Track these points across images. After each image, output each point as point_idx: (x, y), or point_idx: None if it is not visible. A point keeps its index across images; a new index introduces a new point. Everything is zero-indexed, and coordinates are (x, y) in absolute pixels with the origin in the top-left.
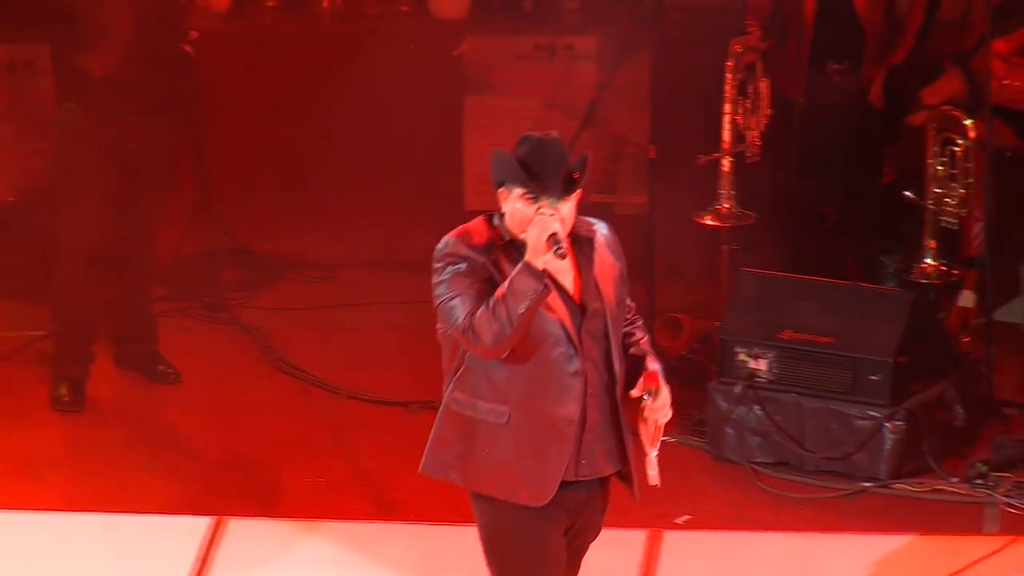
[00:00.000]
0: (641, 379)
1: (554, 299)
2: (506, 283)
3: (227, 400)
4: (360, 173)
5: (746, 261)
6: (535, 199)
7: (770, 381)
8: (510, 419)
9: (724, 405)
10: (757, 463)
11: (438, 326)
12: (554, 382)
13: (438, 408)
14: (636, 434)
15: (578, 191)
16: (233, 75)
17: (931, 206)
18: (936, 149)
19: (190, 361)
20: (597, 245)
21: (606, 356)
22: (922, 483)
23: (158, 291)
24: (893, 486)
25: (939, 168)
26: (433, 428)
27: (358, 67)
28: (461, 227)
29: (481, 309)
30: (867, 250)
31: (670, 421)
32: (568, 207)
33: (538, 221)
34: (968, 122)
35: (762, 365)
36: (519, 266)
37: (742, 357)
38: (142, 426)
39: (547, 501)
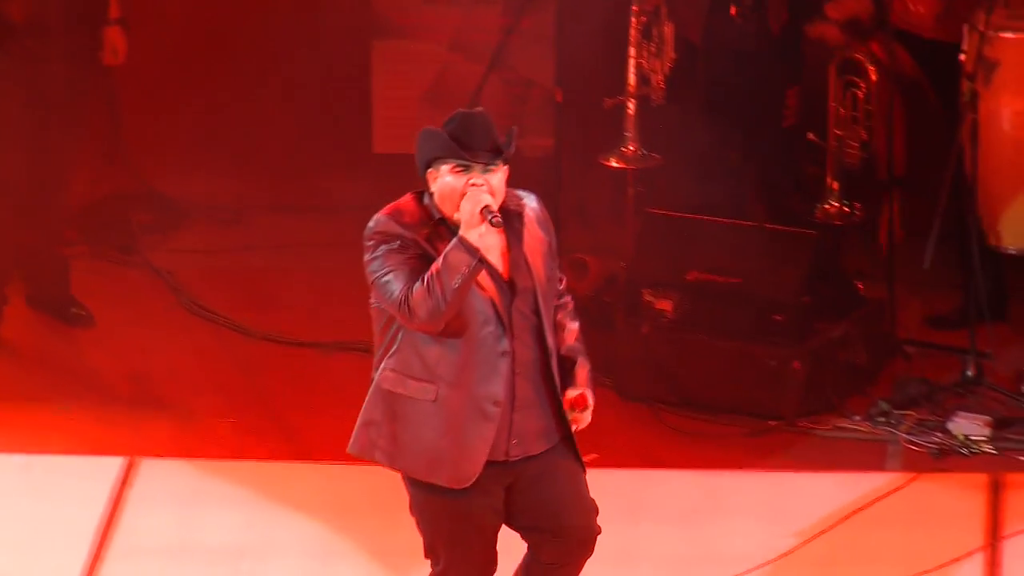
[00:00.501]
0: (571, 397)
1: (483, 277)
2: (440, 258)
3: (140, 342)
4: (269, 117)
5: (652, 202)
6: (465, 169)
7: (676, 321)
8: (437, 397)
9: (630, 345)
10: (663, 402)
11: (371, 300)
12: (482, 361)
13: (348, 349)
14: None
15: (507, 164)
16: (144, 20)
17: (834, 148)
18: (839, 92)
19: (103, 303)
20: (526, 219)
21: (537, 334)
22: (825, 421)
23: (70, 234)
24: (797, 424)
25: (841, 110)
26: (363, 407)
27: (267, 10)
28: (391, 205)
29: (416, 285)
30: (771, 192)
31: None
32: (498, 179)
33: (471, 194)
34: (871, 66)
35: (668, 305)
36: (453, 240)
37: (648, 298)
38: (56, 368)
39: (469, 483)
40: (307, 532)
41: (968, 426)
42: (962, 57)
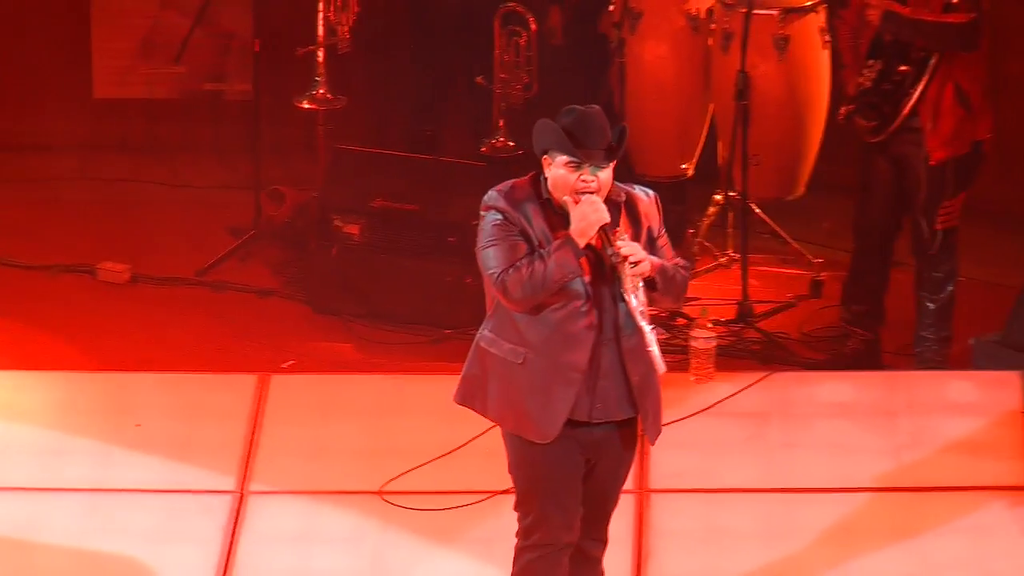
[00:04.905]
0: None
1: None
2: (548, 252)
3: None
4: None
5: (342, 139)
6: (578, 166)
7: (363, 243)
8: (525, 360)
9: (322, 265)
10: (353, 315)
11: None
12: (568, 332)
13: (73, 271)
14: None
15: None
16: None
17: (499, 90)
18: (503, 40)
19: None
20: (623, 209)
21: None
22: None
23: None
24: (470, 332)
25: (506, 56)
26: (466, 361)
27: None
28: (509, 182)
29: (515, 267)
30: (452, 126)
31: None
32: (606, 174)
33: (589, 202)
34: (531, 16)
35: (356, 229)
36: (563, 240)
37: (338, 223)
38: None
39: (551, 439)
40: (37, 436)
41: None
42: (611, 7)
